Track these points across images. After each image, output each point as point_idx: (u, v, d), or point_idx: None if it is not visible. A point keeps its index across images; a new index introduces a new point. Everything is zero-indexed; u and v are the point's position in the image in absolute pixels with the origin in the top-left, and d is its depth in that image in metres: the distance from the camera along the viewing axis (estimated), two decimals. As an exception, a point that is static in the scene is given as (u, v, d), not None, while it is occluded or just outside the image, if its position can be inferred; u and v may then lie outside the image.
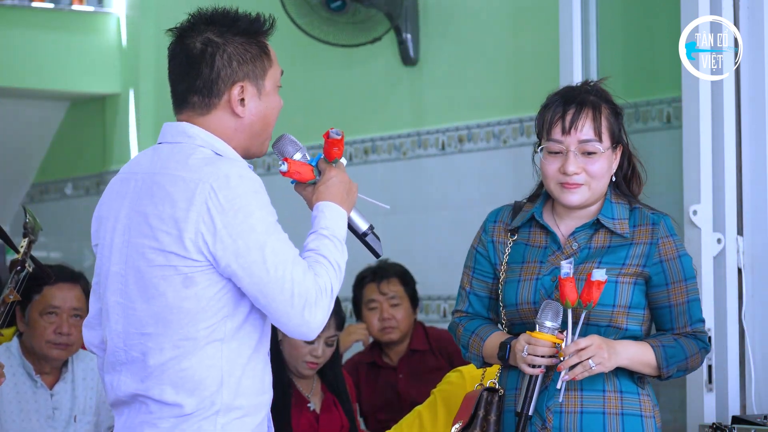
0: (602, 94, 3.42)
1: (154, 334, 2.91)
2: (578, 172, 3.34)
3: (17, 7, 7.77)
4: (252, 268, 2.84)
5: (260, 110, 3.02)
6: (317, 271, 2.90)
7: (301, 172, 3.09)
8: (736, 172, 4.61)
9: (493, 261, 3.48)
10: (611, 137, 3.37)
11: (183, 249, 2.86)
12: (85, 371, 4.62)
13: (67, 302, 4.54)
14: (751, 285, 4.59)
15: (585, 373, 3.24)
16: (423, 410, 4.28)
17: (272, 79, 3.05)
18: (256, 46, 3.03)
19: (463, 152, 6.11)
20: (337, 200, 3.04)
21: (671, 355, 3.31)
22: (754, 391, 4.54)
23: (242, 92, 2.99)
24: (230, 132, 3.00)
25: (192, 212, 2.85)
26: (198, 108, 3.01)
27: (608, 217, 3.38)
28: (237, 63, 2.99)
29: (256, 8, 3.12)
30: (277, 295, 2.85)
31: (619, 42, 5.31)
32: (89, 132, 8.26)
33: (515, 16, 5.94)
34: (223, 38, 3.00)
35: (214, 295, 2.89)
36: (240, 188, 2.86)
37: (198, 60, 3.01)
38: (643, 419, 3.35)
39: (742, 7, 4.60)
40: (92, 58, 7.96)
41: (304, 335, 2.90)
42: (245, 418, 2.95)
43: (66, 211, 8.40)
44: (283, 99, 7.68)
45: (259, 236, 2.84)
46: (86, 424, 4.58)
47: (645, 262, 3.34)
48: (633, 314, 3.34)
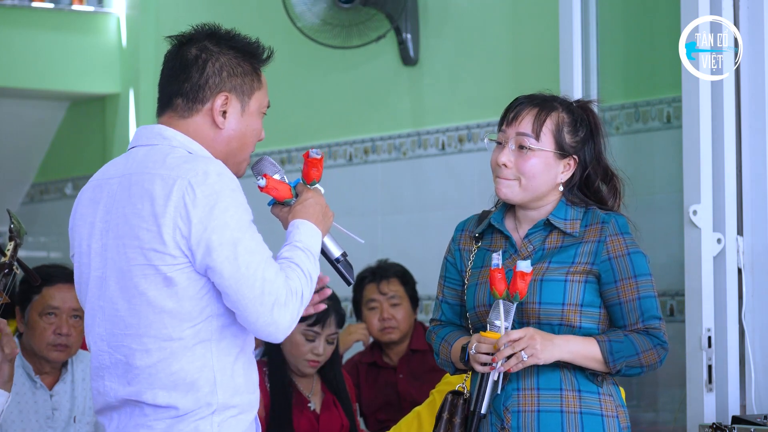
0: (571, 105, 3.47)
1: (137, 334, 2.92)
2: (509, 165, 3.40)
3: (17, 7, 7.77)
4: (224, 264, 2.85)
5: (240, 128, 3.05)
6: (289, 275, 2.91)
7: (278, 189, 3.11)
8: (736, 172, 4.61)
9: (460, 268, 3.55)
10: (555, 142, 3.40)
11: (162, 244, 2.87)
12: (85, 372, 4.62)
13: (67, 303, 4.54)
14: (751, 285, 4.59)
15: (519, 365, 3.27)
16: (422, 410, 4.29)
17: (258, 101, 3.09)
18: (249, 65, 3.08)
19: (463, 152, 6.10)
20: (312, 219, 3.06)
21: (618, 350, 3.32)
22: (754, 391, 4.54)
23: (226, 103, 3.02)
24: (208, 140, 3.02)
25: (170, 207, 2.87)
26: (180, 111, 3.03)
27: (559, 217, 3.42)
28: (227, 74, 3.03)
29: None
30: (247, 293, 2.85)
31: (619, 42, 5.31)
32: (89, 132, 8.26)
33: (515, 16, 5.94)
34: (219, 48, 3.05)
35: (196, 293, 2.90)
36: (217, 185, 2.87)
37: (190, 64, 3.04)
38: (604, 419, 3.37)
39: (742, 7, 4.60)
40: (92, 58, 7.96)
41: (271, 335, 2.90)
42: (240, 415, 2.97)
43: (66, 211, 8.30)
44: (284, 99, 7.70)
45: (233, 233, 2.85)
46: (86, 425, 4.58)
47: (593, 260, 3.37)
48: (587, 312, 3.36)
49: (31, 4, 7.81)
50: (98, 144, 8.17)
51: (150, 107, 7.86)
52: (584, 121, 3.47)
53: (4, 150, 8.47)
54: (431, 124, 6.24)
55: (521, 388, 3.36)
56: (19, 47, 7.78)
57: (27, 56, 7.80)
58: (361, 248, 3.28)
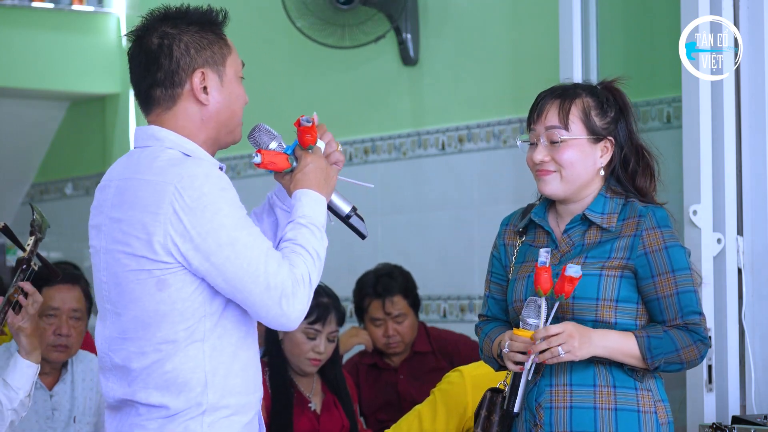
0: (596, 89, 3.42)
1: (135, 338, 2.93)
2: (546, 160, 3.36)
3: (17, 7, 7.78)
4: (225, 265, 2.85)
5: (224, 98, 3.03)
6: (293, 262, 2.90)
7: (275, 162, 3.07)
8: (736, 172, 4.61)
9: (505, 263, 3.51)
10: (585, 128, 3.36)
11: (153, 252, 2.87)
12: (85, 372, 4.62)
13: (67, 303, 4.54)
14: (751, 285, 4.59)
15: (554, 360, 3.23)
16: (422, 410, 4.28)
17: (233, 67, 3.07)
18: (212, 33, 3.06)
19: (463, 152, 6.10)
20: (314, 187, 3.03)
21: (656, 346, 3.27)
22: (754, 391, 4.54)
23: (204, 79, 3.00)
24: (198, 123, 3.00)
25: (160, 216, 2.86)
26: (163, 102, 3.01)
27: (596, 212, 3.37)
28: (195, 50, 3.01)
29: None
30: (253, 289, 2.85)
31: (619, 42, 5.31)
32: (89, 132, 8.26)
33: (515, 16, 5.94)
34: (178, 29, 3.02)
35: (189, 295, 2.89)
36: (205, 187, 2.86)
37: (156, 54, 3.01)
38: (640, 414, 3.31)
39: (742, 7, 4.59)
40: (92, 58, 7.97)
41: (284, 326, 2.90)
42: (233, 417, 2.95)
43: (66, 211, 8.40)
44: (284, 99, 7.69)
45: (229, 232, 2.85)
46: (86, 425, 4.57)
47: (629, 255, 3.32)
48: (622, 308, 3.31)
49: (31, 4, 7.81)
50: (98, 144, 8.17)
51: (150, 107, 7.90)
52: (611, 101, 3.41)
53: (4, 150, 8.48)
54: (431, 124, 6.24)
55: (554, 384, 3.31)
56: (19, 47, 7.78)
57: (27, 56, 7.80)
58: (361, 248, 3.28)
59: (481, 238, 5.78)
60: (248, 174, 7.15)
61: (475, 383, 4.19)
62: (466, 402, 4.20)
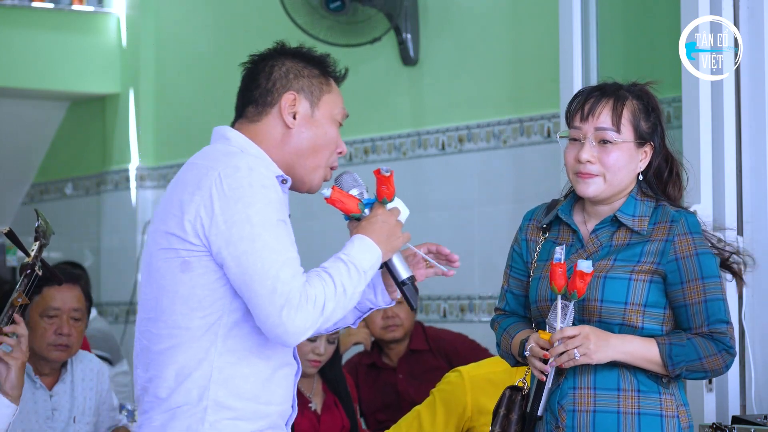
0: (638, 91, 3.38)
1: (155, 319, 2.94)
2: (592, 161, 3.30)
3: (17, 7, 7.78)
4: (240, 258, 2.84)
5: (311, 130, 3.05)
6: (311, 281, 2.86)
7: (344, 202, 3.05)
8: (736, 172, 4.61)
9: (526, 259, 3.46)
10: (634, 131, 3.32)
11: (182, 231, 2.88)
12: (84, 372, 4.62)
13: (67, 303, 4.54)
14: (751, 285, 4.59)
15: (570, 362, 3.21)
16: (422, 410, 4.28)
17: (329, 105, 3.10)
18: (317, 69, 3.09)
19: (463, 152, 6.10)
20: (373, 237, 2.99)
21: (678, 353, 3.24)
22: (754, 391, 4.53)
23: (294, 103, 3.03)
24: (276, 143, 3.02)
25: (196, 196, 2.88)
26: (250, 116, 3.06)
27: (627, 214, 3.33)
28: (294, 75, 3.06)
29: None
30: (258, 289, 2.82)
31: (619, 42, 5.31)
32: (89, 132, 8.26)
33: (515, 16, 5.94)
34: (286, 57, 3.08)
35: (210, 284, 2.89)
36: (246, 179, 2.87)
37: (258, 74, 3.07)
38: (663, 419, 3.28)
39: (742, 7, 4.59)
40: (92, 58, 7.97)
41: (279, 337, 2.85)
42: (238, 421, 2.93)
43: (66, 211, 8.40)
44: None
45: (253, 228, 2.83)
46: (85, 425, 4.57)
47: (660, 260, 3.28)
48: (650, 313, 3.28)
49: (31, 4, 7.81)
50: (98, 144, 8.17)
51: (150, 107, 7.91)
52: (651, 105, 3.38)
53: (4, 150, 8.48)
54: (431, 124, 6.24)
55: (577, 387, 3.28)
56: (19, 47, 7.78)
57: (27, 56, 7.80)
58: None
59: (481, 238, 5.79)
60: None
61: (474, 383, 4.20)
62: (465, 402, 4.20)
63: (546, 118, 5.76)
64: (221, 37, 7.53)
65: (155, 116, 7.88)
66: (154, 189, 7.84)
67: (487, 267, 5.84)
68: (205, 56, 7.61)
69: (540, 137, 5.80)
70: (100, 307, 7.62)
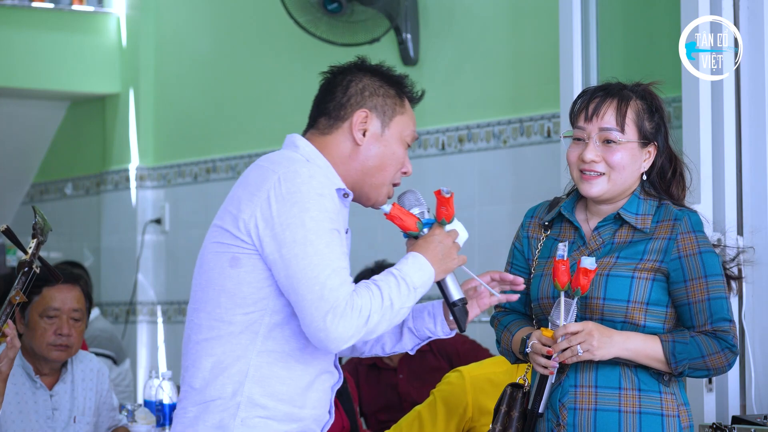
0: (641, 91, 3.39)
1: (199, 309, 3.00)
2: (597, 160, 3.31)
3: (17, 7, 7.77)
4: (291, 261, 2.88)
5: (379, 148, 3.09)
6: (360, 292, 2.90)
7: (403, 220, 3.09)
8: (736, 172, 4.61)
9: (527, 256, 3.48)
10: (638, 132, 3.33)
11: (236, 228, 2.94)
12: (84, 372, 4.62)
13: (67, 303, 4.54)
14: (751, 285, 4.59)
15: (573, 359, 3.21)
16: (422, 410, 4.28)
17: (400, 126, 3.13)
18: (394, 90, 3.13)
19: (463, 152, 6.10)
20: (428, 256, 3.03)
21: (681, 351, 3.24)
22: (754, 391, 4.54)
23: (365, 120, 3.08)
24: (344, 157, 3.07)
25: (255, 196, 2.93)
26: (321, 128, 3.11)
27: (631, 212, 3.34)
28: (369, 93, 3.10)
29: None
30: (306, 293, 2.86)
31: (619, 42, 5.31)
32: (89, 132, 8.26)
33: (515, 16, 5.94)
34: (364, 73, 3.14)
35: (257, 282, 2.93)
36: (305, 186, 2.92)
37: (336, 86, 3.13)
38: (664, 418, 3.28)
39: (742, 7, 4.59)
40: (92, 58, 7.97)
41: (321, 342, 2.88)
42: (269, 420, 2.96)
43: (66, 211, 8.40)
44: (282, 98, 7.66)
45: (307, 233, 2.88)
46: (85, 425, 4.58)
47: (663, 258, 3.29)
48: (653, 311, 3.29)
49: (31, 4, 7.81)
50: (98, 144, 8.17)
51: (150, 107, 7.91)
52: (654, 105, 3.39)
53: (4, 150, 8.48)
54: (431, 124, 6.24)
55: (578, 385, 3.29)
56: (19, 47, 7.79)
57: (27, 56, 7.80)
58: (361, 248, 3.27)
59: (481, 238, 5.79)
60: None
61: (474, 384, 4.20)
62: (465, 402, 4.20)
63: (546, 118, 5.76)
64: (221, 37, 7.53)
65: (155, 116, 7.88)
66: (154, 189, 7.84)
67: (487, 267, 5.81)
68: (205, 56, 7.61)
69: (540, 137, 5.80)
70: (100, 308, 7.61)
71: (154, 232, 7.83)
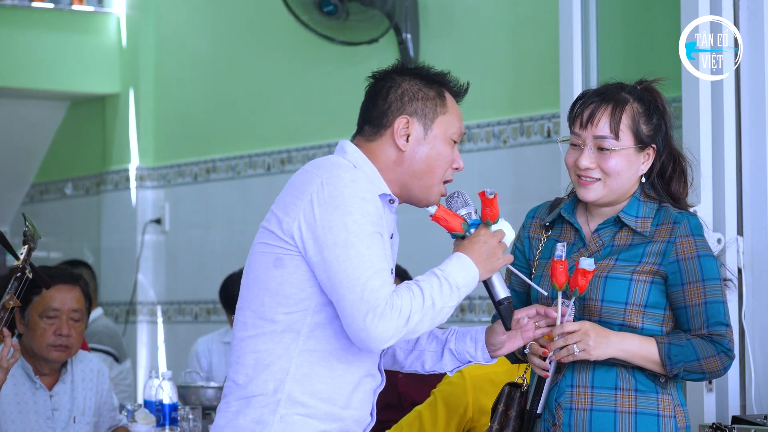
0: (640, 93, 3.37)
1: (244, 308, 3.06)
2: (592, 167, 3.31)
3: (17, 7, 7.78)
4: (332, 262, 2.92)
5: (424, 151, 3.11)
6: (400, 292, 2.93)
7: (448, 220, 3.11)
8: (736, 172, 4.61)
9: (528, 256, 3.47)
10: (634, 137, 3.32)
11: (280, 230, 2.99)
12: (84, 372, 4.62)
13: (67, 304, 4.54)
14: (751, 285, 4.59)
15: (569, 358, 3.22)
16: (423, 410, 4.28)
17: (443, 126, 3.13)
18: (434, 91, 3.13)
19: (463, 152, 6.06)
20: (472, 256, 3.05)
21: (676, 353, 3.24)
22: (754, 391, 4.54)
23: (408, 127, 3.10)
24: (390, 163, 3.11)
25: (299, 200, 2.98)
26: (367, 135, 3.14)
27: (630, 215, 3.34)
28: (408, 98, 3.11)
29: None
30: (347, 294, 2.90)
31: (619, 42, 5.31)
32: (89, 132, 8.26)
33: (515, 17, 5.94)
34: (403, 78, 3.14)
35: (299, 282, 2.98)
36: (347, 189, 2.96)
37: (377, 94, 3.14)
38: (660, 419, 3.28)
39: (742, 7, 4.59)
40: (92, 58, 7.97)
41: (362, 342, 2.92)
42: (309, 419, 3.00)
43: (66, 211, 8.40)
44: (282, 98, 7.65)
45: (349, 236, 2.92)
46: (85, 425, 4.58)
47: (661, 261, 3.29)
48: (650, 314, 3.29)
49: (31, 4, 7.81)
50: (98, 144, 8.17)
51: (150, 107, 7.91)
52: (654, 105, 3.37)
53: (4, 150, 8.48)
54: (431, 124, 6.23)
55: (575, 385, 3.29)
56: (19, 47, 7.79)
57: (27, 56, 7.81)
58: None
59: (481, 238, 5.78)
60: (248, 174, 7.15)
61: (475, 384, 4.19)
62: (466, 402, 4.20)
63: (546, 118, 5.76)
64: (221, 37, 7.53)
65: (155, 116, 7.88)
66: (154, 189, 7.85)
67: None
68: (205, 56, 7.61)
69: (540, 137, 5.80)
70: (100, 307, 7.61)
71: (154, 232, 7.83)
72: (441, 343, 3.27)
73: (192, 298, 7.65)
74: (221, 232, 7.47)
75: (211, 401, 5.53)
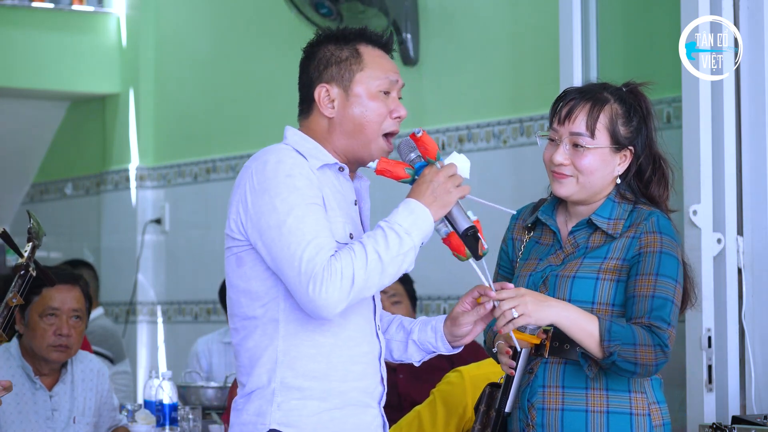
0: (623, 94, 3.36)
1: (231, 314, 3.10)
2: (565, 163, 3.31)
3: (17, 7, 7.78)
4: (271, 246, 2.96)
5: (350, 112, 3.10)
6: (339, 256, 2.93)
7: (391, 171, 3.09)
8: (736, 172, 4.61)
9: (512, 257, 3.49)
10: (610, 137, 3.31)
11: (230, 229, 3.05)
12: (84, 372, 4.62)
13: (67, 303, 4.54)
14: (751, 285, 4.59)
15: (509, 325, 3.13)
16: (422, 410, 4.28)
17: (364, 83, 3.11)
18: (347, 52, 3.13)
19: (463, 152, 6.09)
20: (419, 198, 3.03)
21: (616, 332, 3.18)
22: (754, 391, 4.54)
23: (327, 94, 3.10)
24: (325, 133, 3.12)
25: (235, 194, 3.04)
26: (303, 114, 3.17)
27: (603, 216, 3.33)
28: (324, 66, 3.12)
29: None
30: (288, 271, 2.93)
31: (619, 42, 5.32)
32: (89, 132, 8.26)
33: (515, 16, 5.94)
34: (319, 46, 3.14)
35: (260, 274, 3.02)
36: (272, 172, 2.98)
37: (301, 71, 3.17)
38: (633, 417, 3.26)
39: (742, 7, 4.60)
40: (92, 58, 7.97)
41: (314, 312, 2.93)
42: (307, 401, 3.01)
43: (66, 211, 8.40)
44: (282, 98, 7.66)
45: (279, 216, 2.95)
46: (85, 425, 4.58)
47: (625, 255, 3.27)
48: (618, 312, 3.27)
49: (31, 4, 7.82)
50: (98, 144, 8.17)
51: (150, 107, 7.91)
52: (636, 108, 3.36)
53: (4, 150, 8.48)
54: (431, 124, 6.24)
55: (546, 386, 3.29)
56: (19, 47, 7.79)
57: (27, 56, 7.81)
58: None
59: (481, 238, 5.78)
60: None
61: (474, 383, 4.19)
62: (465, 402, 4.20)
63: (546, 118, 5.75)
64: (221, 37, 7.53)
65: (155, 116, 7.89)
66: (154, 189, 7.85)
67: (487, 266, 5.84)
68: (205, 56, 7.61)
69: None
70: (100, 307, 7.61)
71: (154, 232, 7.84)
72: (406, 333, 3.26)
73: (192, 298, 7.66)
74: (221, 232, 7.43)
75: (211, 401, 5.54)
